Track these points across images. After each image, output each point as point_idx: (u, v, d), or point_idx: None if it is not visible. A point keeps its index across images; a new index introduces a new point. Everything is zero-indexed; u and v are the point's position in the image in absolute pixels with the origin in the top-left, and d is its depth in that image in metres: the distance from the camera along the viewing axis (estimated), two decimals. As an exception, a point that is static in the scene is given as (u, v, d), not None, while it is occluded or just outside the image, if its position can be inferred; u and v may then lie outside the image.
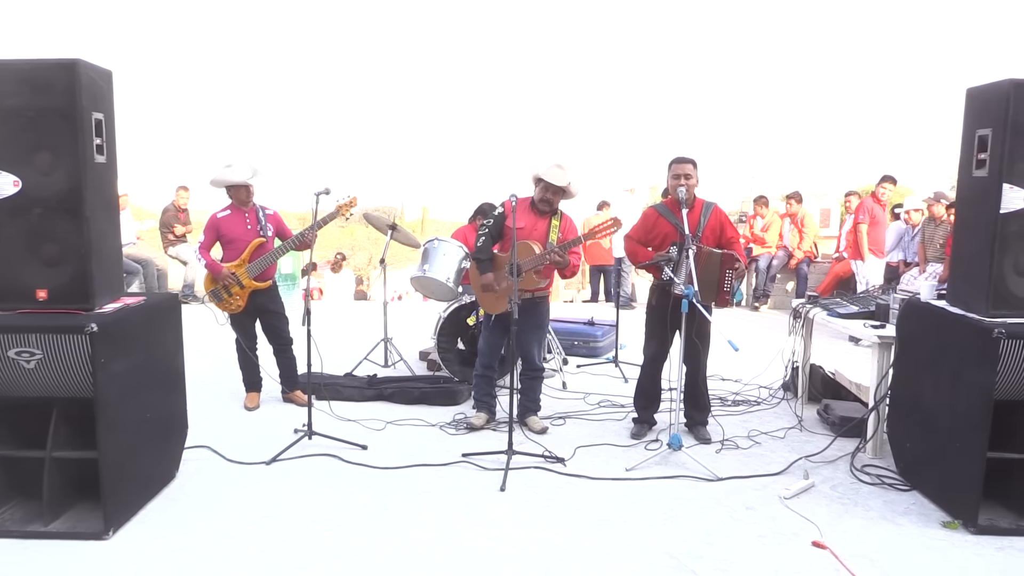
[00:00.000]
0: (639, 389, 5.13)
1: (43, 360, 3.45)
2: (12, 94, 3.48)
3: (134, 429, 3.76)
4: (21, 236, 3.57)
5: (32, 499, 3.71)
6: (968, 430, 3.76)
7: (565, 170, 4.86)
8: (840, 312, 5.27)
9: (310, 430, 4.74)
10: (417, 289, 6.52)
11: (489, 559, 3.39)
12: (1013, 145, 3.73)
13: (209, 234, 5.36)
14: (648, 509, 3.94)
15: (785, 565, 3.39)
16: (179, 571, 3.27)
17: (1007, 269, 3.81)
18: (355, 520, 3.76)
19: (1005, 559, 3.48)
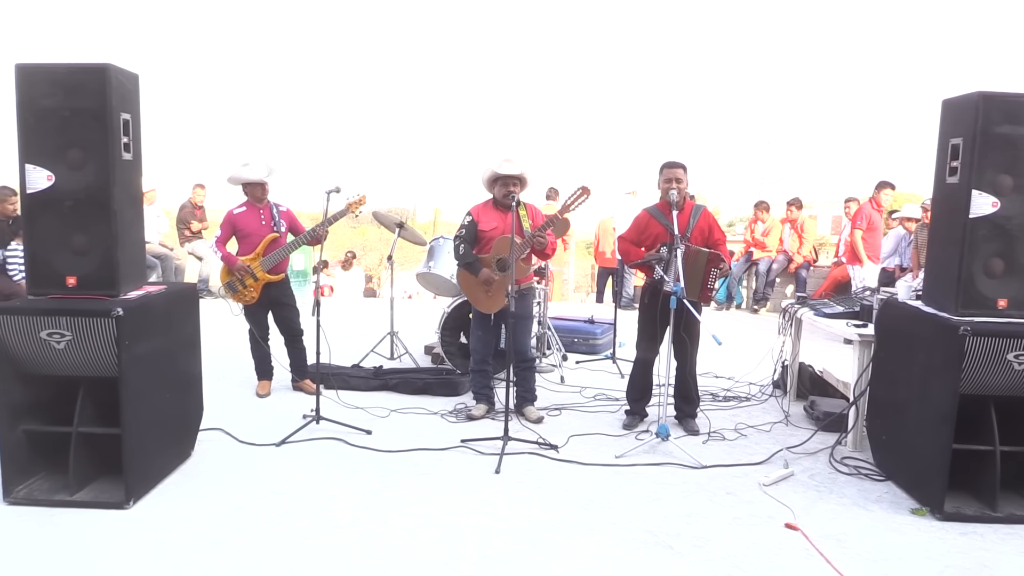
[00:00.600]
0: (631, 383, 5.38)
1: (72, 341, 3.73)
2: (48, 95, 3.77)
3: (154, 408, 4.04)
4: (53, 227, 3.86)
5: (58, 471, 3.99)
6: (936, 422, 3.99)
7: (514, 161, 5.13)
8: (826, 312, 5.50)
9: (318, 415, 5.02)
10: (423, 285, 6.79)
11: (480, 532, 3.65)
12: (982, 153, 3.96)
13: (225, 229, 5.65)
14: (633, 492, 4.19)
15: (757, 544, 3.63)
16: (194, 537, 3.54)
17: (976, 270, 4.04)
18: (358, 497, 4.03)
19: (967, 542, 3.71)
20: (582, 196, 5.14)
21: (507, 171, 5.10)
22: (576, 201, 5.16)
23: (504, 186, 5.14)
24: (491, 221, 5.19)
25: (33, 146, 3.80)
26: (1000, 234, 4.01)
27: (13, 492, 3.84)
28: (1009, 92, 3.98)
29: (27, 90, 3.77)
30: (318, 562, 3.32)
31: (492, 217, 5.22)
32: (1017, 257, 4.04)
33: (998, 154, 3.96)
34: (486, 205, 5.31)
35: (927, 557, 3.56)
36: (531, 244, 5.06)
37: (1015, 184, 3.99)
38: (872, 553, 3.58)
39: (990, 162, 3.97)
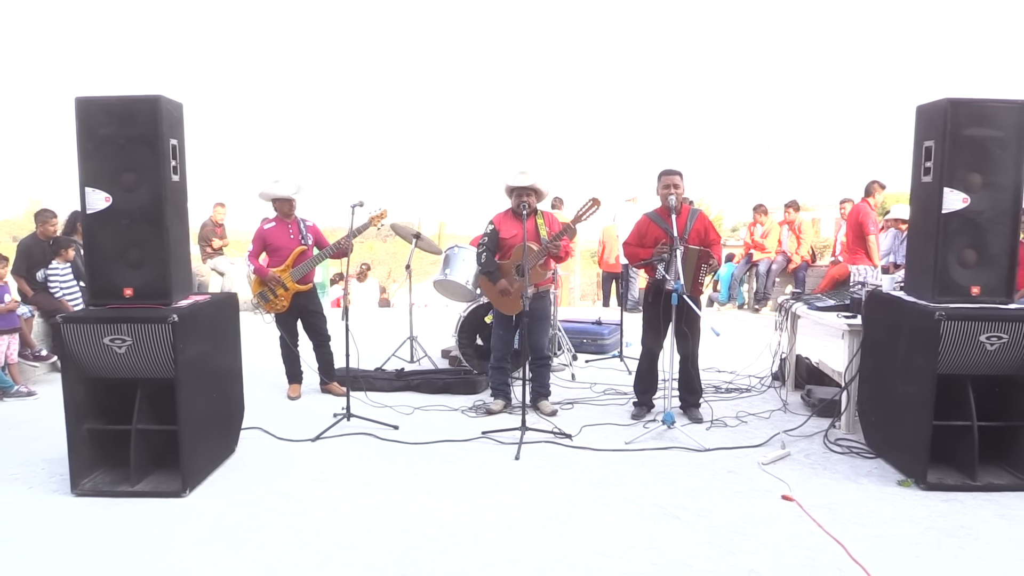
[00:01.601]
0: (638, 376, 5.77)
1: (132, 346, 4.14)
2: (105, 124, 4.19)
3: (204, 406, 4.45)
4: (111, 244, 4.27)
5: (116, 467, 4.39)
6: (917, 401, 4.36)
7: (528, 173, 5.53)
8: (818, 306, 5.89)
9: (349, 413, 5.41)
10: (439, 291, 7.18)
11: (505, 508, 4.04)
12: (952, 154, 4.34)
13: (257, 243, 6.06)
14: (642, 472, 4.57)
15: (756, 513, 4.01)
16: (247, 519, 3.93)
17: (951, 261, 4.42)
18: (391, 482, 4.42)
19: (947, 508, 4.08)
20: (593, 207, 5.54)
21: (520, 183, 5.50)
22: (588, 212, 5.55)
23: (518, 196, 5.53)
24: (511, 229, 5.60)
25: (92, 171, 4.22)
26: (971, 227, 4.39)
27: (80, 485, 4.24)
28: (975, 98, 4.37)
29: (86, 120, 4.19)
30: (360, 537, 3.71)
31: (512, 225, 5.62)
32: (988, 248, 4.42)
33: (967, 154, 4.34)
34: (506, 214, 5.72)
35: (910, 521, 3.93)
36: (548, 251, 5.46)
37: (984, 181, 4.36)
38: (861, 518, 3.95)
39: (959, 162, 4.35)
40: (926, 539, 3.72)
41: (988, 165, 4.36)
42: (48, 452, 4.90)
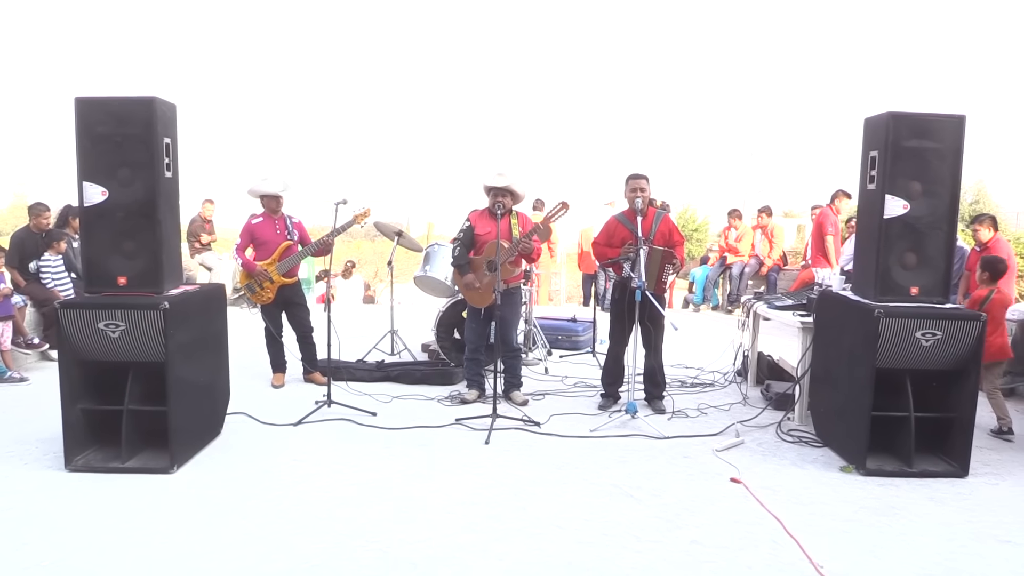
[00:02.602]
0: (605, 369, 6.09)
1: (125, 331, 4.42)
2: (102, 123, 4.46)
3: (192, 389, 4.73)
4: (107, 235, 4.54)
5: (108, 445, 4.65)
6: (858, 393, 4.69)
7: (505, 174, 5.85)
8: (777, 305, 6.22)
9: (329, 400, 5.70)
10: (419, 287, 7.47)
11: (472, 486, 4.34)
12: (893, 164, 4.69)
13: (244, 237, 6.34)
14: (603, 456, 4.89)
15: (705, 493, 4.33)
16: (231, 494, 4.22)
17: (892, 263, 4.75)
18: (367, 462, 4.72)
19: (882, 491, 4.41)
20: (562, 210, 5.86)
21: (497, 183, 5.81)
22: (557, 214, 5.86)
23: (494, 196, 5.84)
24: (486, 226, 5.91)
25: (90, 166, 4.49)
26: (911, 232, 4.73)
27: (73, 461, 4.50)
28: (915, 112, 4.72)
29: (85, 119, 4.46)
30: (338, 509, 4.00)
31: (487, 223, 5.93)
32: (927, 251, 4.76)
33: (907, 164, 4.69)
34: (483, 213, 6.03)
35: (846, 501, 4.26)
36: (518, 249, 5.77)
37: (923, 189, 4.71)
38: (800, 499, 4.28)
39: (901, 171, 4.70)
40: (858, 517, 4.05)
41: (927, 174, 4.70)
42: (41, 433, 5.16)
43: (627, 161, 49.01)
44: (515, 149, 59.17)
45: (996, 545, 3.77)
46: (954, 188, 4.76)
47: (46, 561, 3.41)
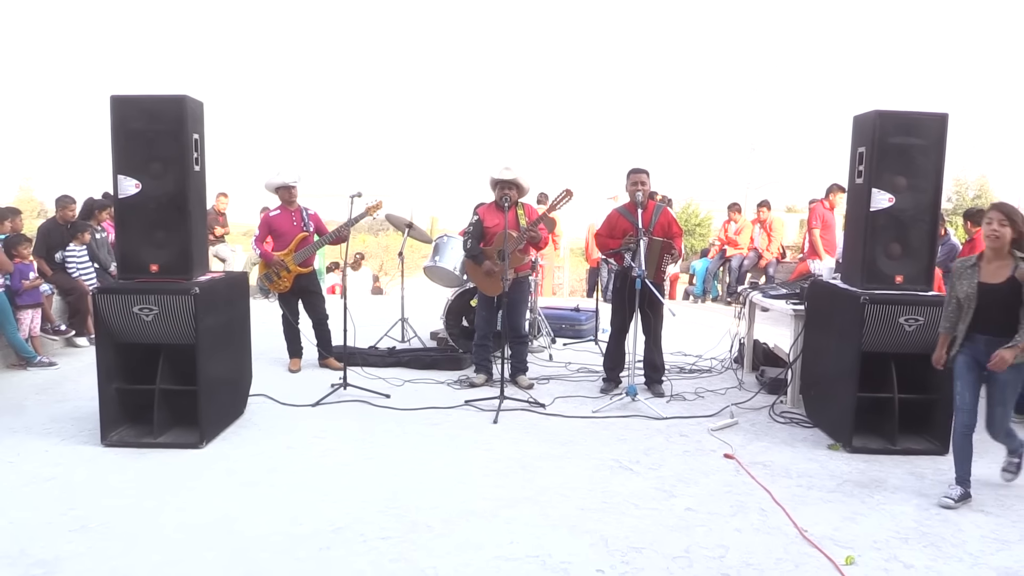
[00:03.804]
0: (607, 354, 6.39)
1: (158, 315, 4.73)
2: (135, 119, 4.77)
3: (219, 370, 5.03)
4: (140, 225, 4.84)
5: (139, 422, 4.96)
6: (845, 375, 4.99)
7: (512, 168, 6.13)
8: (772, 294, 6.52)
9: (345, 382, 6.01)
10: (429, 277, 7.77)
11: (482, 460, 4.66)
12: (880, 159, 4.97)
13: (263, 229, 6.66)
14: (604, 435, 5.19)
15: (700, 467, 4.64)
16: (258, 467, 4.53)
17: (878, 253, 5.04)
18: (383, 439, 5.03)
19: (867, 466, 4.71)
20: (566, 197, 6.16)
21: (503, 177, 6.10)
22: (561, 201, 6.17)
23: (501, 189, 6.14)
24: (494, 219, 6.21)
25: (124, 161, 4.79)
26: (896, 224, 5.02)
27: (108, 436, 4.81)
28: (900, 110, 5.01)
29: (119, 116, 4.76)
30: (357, 480, 4.31)
31: (495, 215, 6.23)
32: (911, 242, 5.05)
33: (893, 159, 4.98)
34: (490, 206, 6.33)
35: (832, 476, 4.56)
36: (526, 238, 6.07)
37: (908, 183, 5.00)
38: (789, 473, 4.58)
39: (887, 166, 4.98)
40: (841, 489, 4.35)
41: (911, 169, 4.99)
42: (75, 413, 5.48)
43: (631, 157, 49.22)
44: (519, 145, 59.47)
45: (968, 513, 4.07)
46: (937, 182, 5.04)
47: (93, 523, 3.72)
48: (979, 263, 4.08)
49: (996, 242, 3.94)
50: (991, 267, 4.02)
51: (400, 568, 3.33)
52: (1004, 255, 3.97)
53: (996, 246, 3.96)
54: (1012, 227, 3.91)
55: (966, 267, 4.15)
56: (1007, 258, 3.96)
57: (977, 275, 4.05)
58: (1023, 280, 3.88)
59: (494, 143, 58.17)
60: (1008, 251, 3.95)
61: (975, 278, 4.05)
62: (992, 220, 3.95)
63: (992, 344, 3.96)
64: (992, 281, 3.99)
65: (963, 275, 4.13)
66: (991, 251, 4.00)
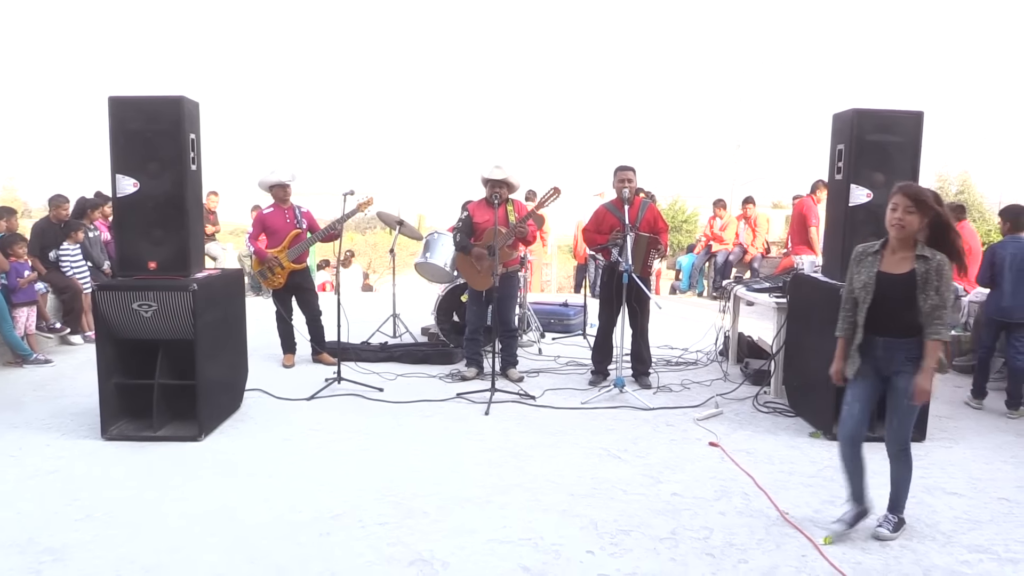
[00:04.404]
0: (595, 347, 6.54)
1: (157, 311, 4.83)
2: (133, 120, 4.86)
3: (217, 364, 5.14)
4: (138, 223, 4.94)
5: (138, 416, 5.06)
6: (826, 366, 5.10)
7: (503, 167, 6.28)
8: (755, 288, 6.68)
9: (339, 376, 6.13)
10: (420, 273, 7.89)
11: (475, 450, 4.80)
12: (858, 156, 5.14)
13: (256, 227, 6.77)
14: (593, 425, 5.34)
15: (685, 455, 4.79)
16: (256, 458, 4.64)
17: (857, 246, 5.19)
18: (378, 431, 5.16)
19: (846, 453, 4.87)
20: (554, 195, 6.31)
21: (494, 175, 6.24)
22: (550, 199, 6.32)
23: (492, 187, 6.27)
24: (483, 215, 6.34)
25: (122, 160, 4.89)
26: (874, 218, 5.14)
27: (108, 430, 4.91)
28: (878, 108, 5.18)
29: (118, 116, 4.85)
30: (353, 470, 4.44)
31: (484, 212, 6.36)
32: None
33: (871, 156, 5.14)
34: (480, 202, 6.46)
35: (812, 462, 4.72)
36: (515, 233, 6.21)
37: (885, 179, 5.15)
38: (771, 459, 4.74)
39: (865, 162, 5.15)
40: (821, 474, 4.51)
41: (889, 165, 5.15)
42: (73, 408, 5.58)
43: (619, 154, 49.50)
44: (507, 143, 59.67)
45: (944, 496, 4.24)
46: (913, 178, 5.18)
47: (98, 513, 3.83)
48: (882, 251, 3.56)
49: (901, 231, 3.42)
50: (895, 257, 3.50)
51: (398, 552, 3.46)
52: (910, 245, 3.45)
53: (901, 236, 3.43)
54: (920, 212, 3.37)
55: (867, 253, 3.61)
56: (913, 249, 3.44)
57: (878, 263, 3.53)
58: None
59: (482, 141, 58.34)
60: (914, 241, 3.44)
61: (875, 266, 3.53)
62: (897, 206, 3.41)
63: (891, 347, 3.50)
64: (893, 271, 3.48)
65: (863, 262, 3.61)
66: (896, 240, 3.47)
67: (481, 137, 60.41)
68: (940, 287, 3.37)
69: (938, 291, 3.37)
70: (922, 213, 3.39)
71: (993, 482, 4.46)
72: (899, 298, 3.46)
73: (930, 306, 3.38)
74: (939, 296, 3.37)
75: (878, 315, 3.53)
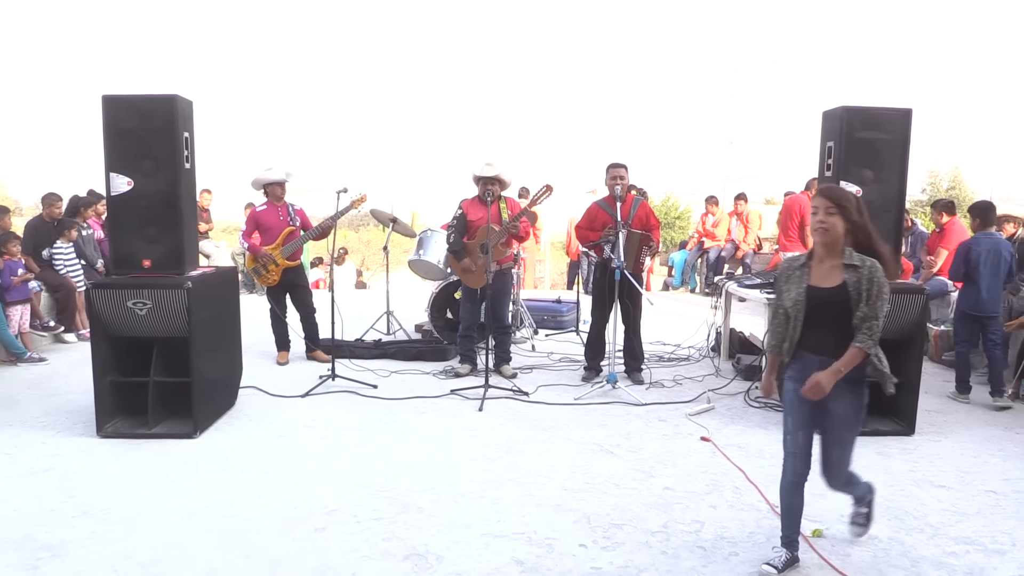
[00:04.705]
0: (588, 344, 6.58)
1: (152, 309, 4.85)
2: (127, 119, 4.88)
3: (212, 361, 5.17)
4: (132, 221, 4.96)
5: (133, 414, 5.07)
6: (816, 360, 5.20)
7: (494, 165, 6.31)
8: (746, 284, 6.73)
9: (333, 373, 6.16)
10: (414, 270, 7.91)
11: (469, 445, 4.83)
12: (847, 153, 5.18)
13: (250, 224, 6.78)
14: (586, 420, 5.38)
15: (677, 449, 4.84)
16: (251, 455, 4.67)
17: (846, 243, 5.25)
18: (372, 427, 5.19)
19: (836, 447, 4.92)
20: (546, 192, 6.35)
21: (486, 173, 6.27)
22: (542, 196, 6.36)
23: (484, 185, 6.31)
24: (477, 213, 6.38)
25: (116, 159, 4.90)
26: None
27: (103, 428, 4.93)
28: (867, 105, 5.22)
29: (111, 115, 4.87)
30: (348, 466, 4.47)
31: (478, 210, 6.40)
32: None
33: (860, 153, 5.19)
34: (473, 200, 6.50)
35: (803, 455, 4.76)
36: (509, 231, 6.25)
37: (874, 176, 5.21)
38: (762, 454, 4.79)
39: (854, 160, 5.19)
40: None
41: (878, 162, 5.21)
42: (68, 406, 5.59)
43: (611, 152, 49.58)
44: (500, 140, 59.68)
45: (932, 489, 4.30)
46: (902, 174, 5.26)
47: (95, 509, 3.86)
48: (809, 263, 3.23)
49: (825, 235, 3.12)
50: (823, 267, 3.17)
51: (393, 546, 3.50)
52: (837, 253, 3.14)
53: (825, 240, 3.13)
54: (842, 216, 3.09)
55: (794, 267, 3.28)
56: (841, 257, 3.14)
57: (807, 277, 3.21)
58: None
59: (474, 138, 58.34)
60: (841, 248, 3.14)
61: (804, 280, 3.20)
62: (818, 210, 3.13)
63: (827, 367, 3.12)
64: (823, 285, 3.15)
65: (790, 277, 3.27)
66: (821, 247, 3.17)
67: (474, 134, 60.25)
68: (870, 297, 3.06)
69: (868, 302, 3.06)
70: (844, 215, 3.10)
71: (981, 475, 4.52)
72: (833, 314, 3.13)
73: (859, 317, 3.08)
74: (869, 307, 3.06)
75: (812, 333, 3.22)
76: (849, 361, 3.11)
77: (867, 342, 3.09)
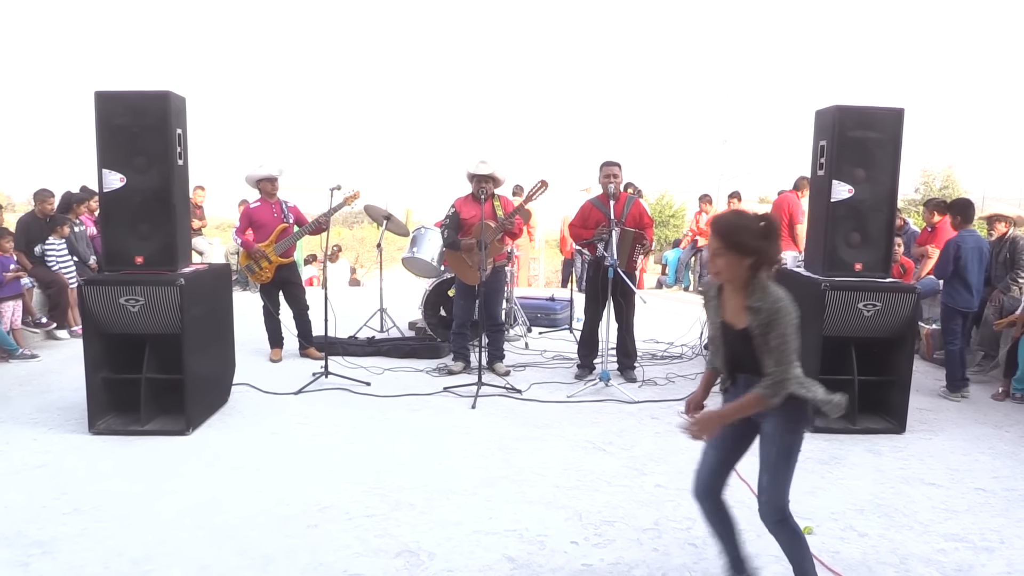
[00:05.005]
0: (581, 342, 6.59)
1: (144, 305, 4.84)
2: (120, 115, 4.87)
3: (204, 359, 5.16)
4: (124, 218, 4.96)
5: (125, 411, 5.06)
6: (807, 359, 5.20)
7: (488, 162, 6.31)
8: (739, 282, 6.74)
9: (326, 370, 6.16)
10: (407, 268, 7.92)
11: (462, 443, 4.84)
12: (839, 152, 5.20)
13: (243, 221, 6.78)
14: (579, 418, 5.40)
15: (670, 447, 4.85)
16: (244, 452, 4.67)
17: (839, 242, 5.28)
18: (365, 424, 5.19)
19: (827, 444, 4.95)
20: (541, 188, 6.35)
21: (480, 171, 6.28)
22: (537, 192, 6.36)
23: (478, 183, 6.31)
24: (471, 211, 6.38)
25: (109, 155, 4.89)
26: (855, 214, 5.25)
27: (96, 425, 4.93)
28: (859, 105, 5.23)
29: (104, 111, 4.86)
30: (341, 463, 4.48)
31: (471, 208, 6.40)
32: (870, 231, 5.29)
33: (852, 152, 5.20)
34: (467, 199, 6.50)
35: (794, 453, 4.79)
36: (503, 228, 6.25)
37: (866, 175, 5.23)
38: (753, 451, 4.77)
39: (846, 158, 5.21)
40: (803, 466, 4.48)
41: (870, 161, 5.22)
42: (60, 403, 5.57)
43: (606, 150, 49.64)
44: (494, 137, 59.76)
45: (922, 487, 4.32)
46: (894, 174, 5.27)
47: (86, 506, 3.86)
48: (721, 295, 2.95)
49: (720, 278, 2.87)
50: (732, 303, 2.89)
51: (385, 543, 3.51)
52: (742, 289, 2.81)
53: (724, 280, 2.88)
54: (738, 251, 2.73)
55: (710, 295, 3.00)
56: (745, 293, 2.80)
57: (721, 311, 2.95)
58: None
59: (469, 135, 58.37)
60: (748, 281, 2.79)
61: (719, 314, 2.96)
62: (711, 249, 2.82)
63: (752, 385, 2.84)
64: (734, 324, 2.88)
65: (709, 304, 3.02)
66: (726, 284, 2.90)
67: (469, 131, 60.38)
68: (770, 339, 2.75)
69: (768, 343, 2.76)
70: (740, 250, 2.73)
71: (971, 473, 4.55)
72: (746, 351, 2.86)
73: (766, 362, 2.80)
74: (770, 352, 2.77)
75: (732, 359, 3.00)
76: (742, 407, 2.88)
77: (767, 390, 2.79)
